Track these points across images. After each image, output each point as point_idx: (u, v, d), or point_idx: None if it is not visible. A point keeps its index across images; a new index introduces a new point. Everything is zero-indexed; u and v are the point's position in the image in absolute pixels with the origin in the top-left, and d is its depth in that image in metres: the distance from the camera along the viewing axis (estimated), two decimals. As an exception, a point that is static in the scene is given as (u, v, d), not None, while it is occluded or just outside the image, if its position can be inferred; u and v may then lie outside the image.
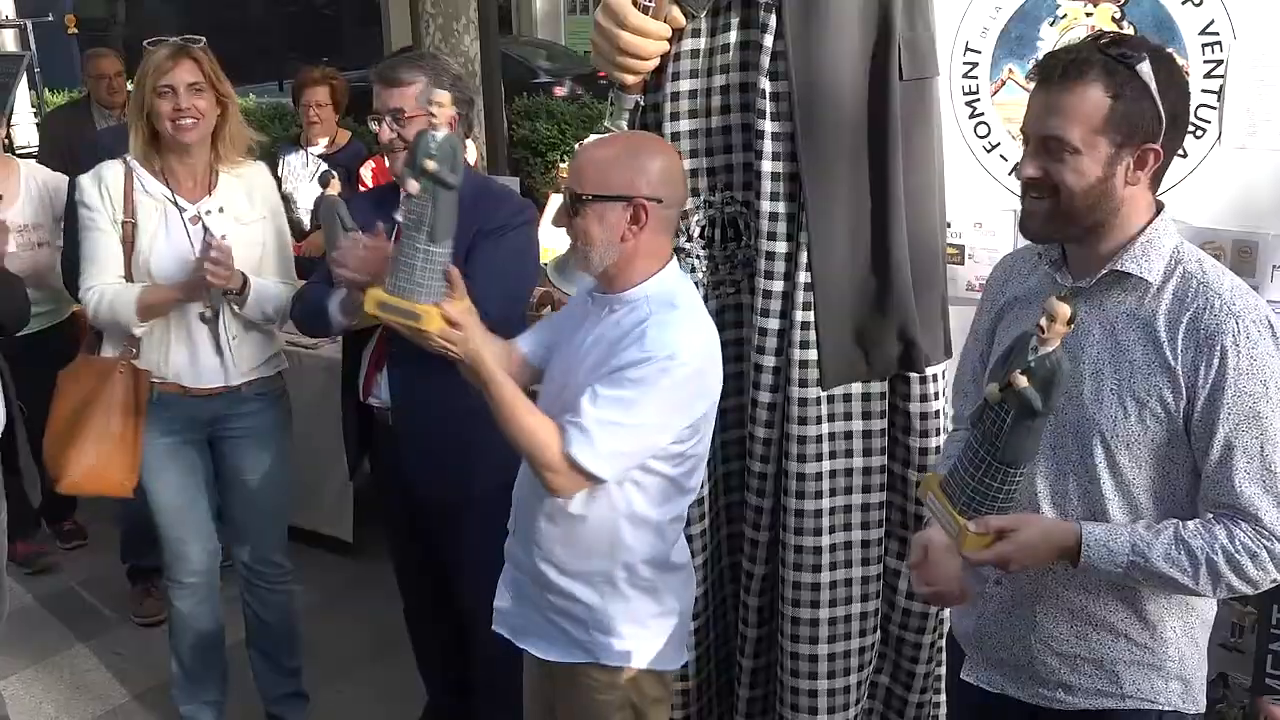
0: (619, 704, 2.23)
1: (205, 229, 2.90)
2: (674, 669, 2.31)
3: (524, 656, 2.37)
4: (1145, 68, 1.69)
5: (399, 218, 1.98)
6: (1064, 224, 1.76)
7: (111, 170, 2.92)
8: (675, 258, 2.19)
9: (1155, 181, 1.79)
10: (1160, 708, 1.86)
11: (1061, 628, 1.85)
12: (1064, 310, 1.60)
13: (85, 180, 2.93)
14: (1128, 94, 1.69)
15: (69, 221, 3.44)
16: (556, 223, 2.13)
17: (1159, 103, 1.69)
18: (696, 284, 2.60)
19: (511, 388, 2.03)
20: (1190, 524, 1.72)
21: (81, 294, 2.93)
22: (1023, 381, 1.63)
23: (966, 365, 2.08)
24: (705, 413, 2.13)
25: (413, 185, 1.94)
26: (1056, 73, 1.70)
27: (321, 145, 5.31)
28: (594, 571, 2.16)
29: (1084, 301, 1.78)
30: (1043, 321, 1.61)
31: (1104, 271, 1.77)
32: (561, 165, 8.23)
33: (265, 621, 3.24)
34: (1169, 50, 1.82)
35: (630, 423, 2.00)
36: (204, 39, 2.89)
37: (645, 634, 2.21)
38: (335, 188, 2.77)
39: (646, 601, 2.20)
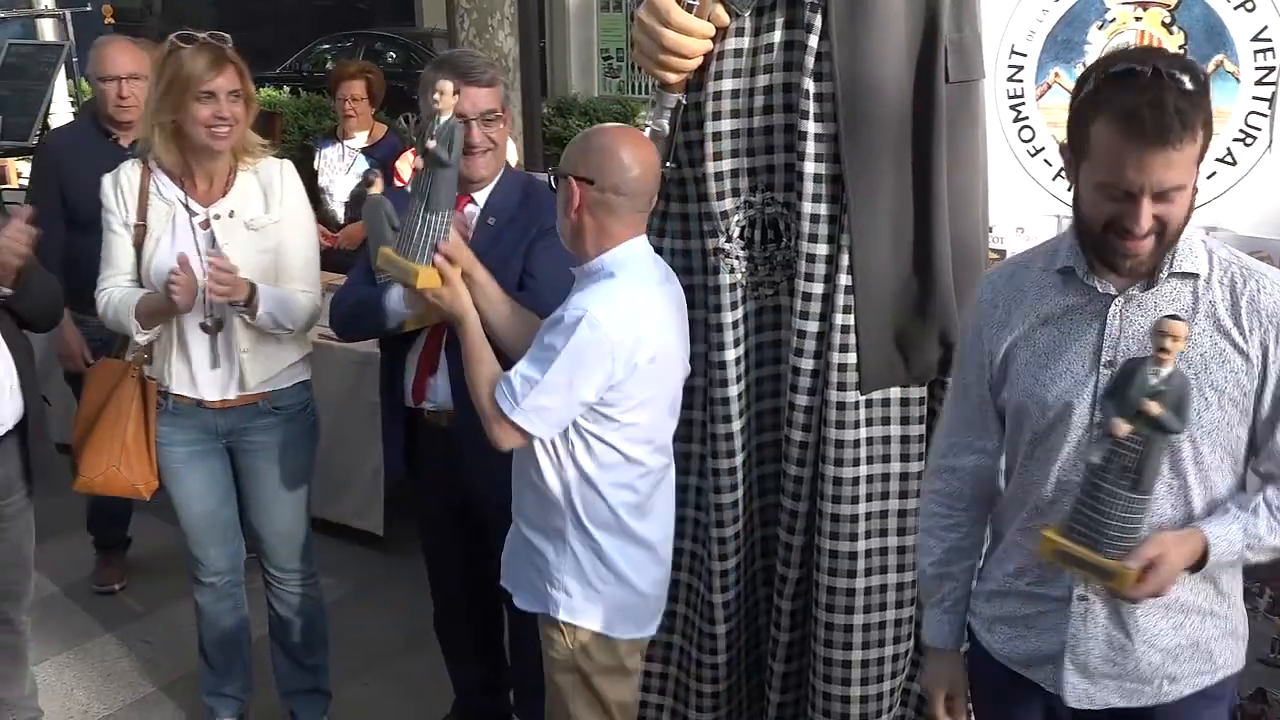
0: (565, 665, 2.40)
1: (213, 237, 2.84)
2: (625, 639, 2.42)
3: None
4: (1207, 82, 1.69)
5: (409, 190, 2.23)
6: (1164, 253, 1.76)
7: (130, 171, 2.90)
8: (640, 240, 2.35)
9: None
10: (1237, 670, 1.95)
11: (1161, 623, 1.86)
12: (1182, 328, 1.62)
13: (107, 180, 2.91)
14: (1210, 119, 1.69)
15: None
16: None
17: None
18: (735, 285, 2.59)
19: (479, 342, 2.33)
20: (1270, 492, 1.81)
21: (96, 294, 2.93)
22: (1156, 408, 1.64)
23: (969, 390, 2.00)
24: (626, 378, 2.24)
25: (419, 162, 2.23)
26: (1173, 134, 1.62)
27: (359, 139, 5.33)
28: (549, 526, 2.36)
29: (1138, 307, 1.79)
30: (1163, 343, 1.63)
31: (1165, 274, 1.77)
32: (594, 162, 8.24)
33: (285, 619, 3.24)
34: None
35: (548, 379, 2.20)
36: (230, 38, 2.85)
37: (593, 595, 2.36)
38: (379, 187, 2.74)
39: (596, 564, 2.35)
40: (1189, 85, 1.63)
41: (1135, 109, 1.62)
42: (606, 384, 2.22)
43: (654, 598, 2.46)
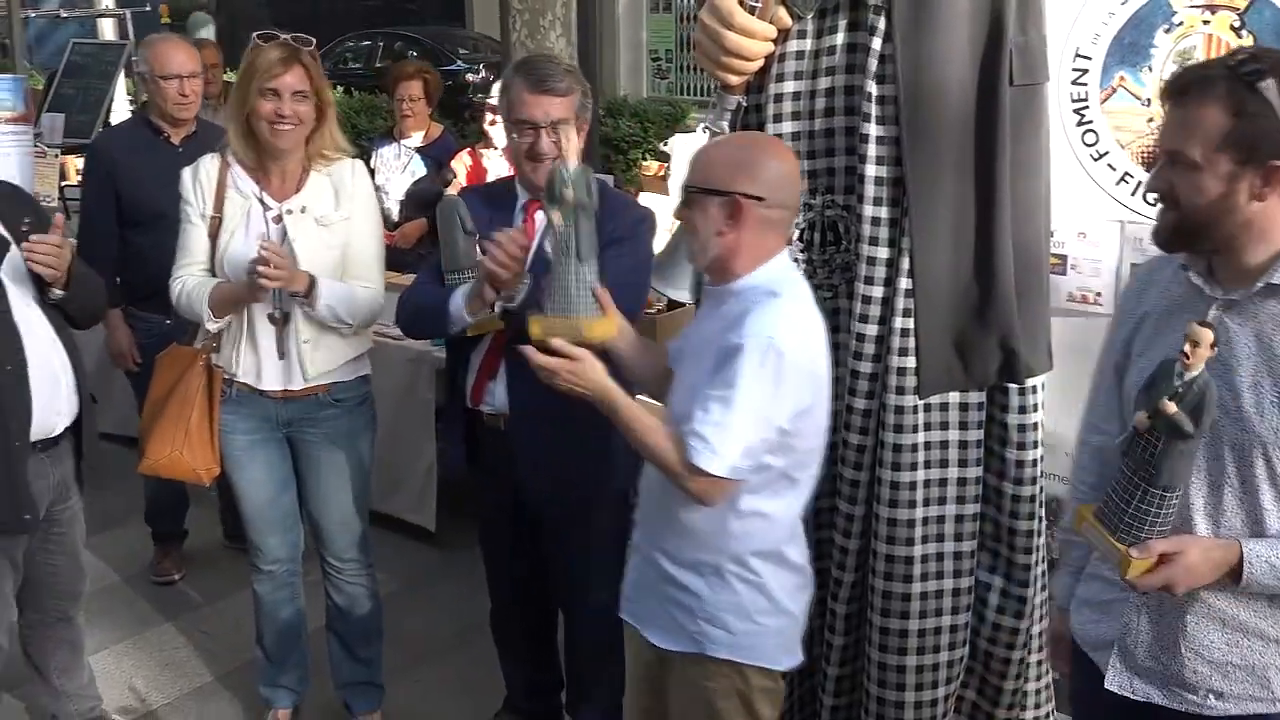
0: (725, 692, 2.26)
1: (284, 230, 2.90)
2: (780, 669, 2.31)
3: (630, 645, 2.42)
4: (1269, 85, 1.68)
5: (547, 247, 2.14)
6: (1189, 238, 1.77)
7: (209, 163, 2.96)
8: (786, 253, 2.22)
9: None
10: None
11: (1212, 635, 1.84)
12: (1207, 335, 1.62)
13: (186, 172, 2.98)
14: (1250, 112, 1.68)
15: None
16: (676, 214, 2.23)
17: None
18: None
19: (635, 410, 2.14)
20: None
21: (170, 282, 2.99)
22: (1172, 408, 1.65)
23: (1103, 373, 2.05)
24: (813, 403, 2.14)
25: (556, 217, 2.14)
26: (1180, 90, 1.72)
27: (415, 138, 5.38)
28: (702, 562, 2.20)
29: (1236, 313, 1.78)
30: (1186, 348, 1.64)
31: (1260, 285, 1.75)
32: (644, 163, 8.25)
33: (342, 609, 3.28)
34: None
35: (741, 418, 2.03)
36: (314, 40, 2.91)
37: (754, 630, 2.22)
38: (456, 186, 2.76)
39: (757, 597, 2.21)
40: (1248, 80, 1.67)
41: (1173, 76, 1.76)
42: (796, 410, 2.10)
43: (804, 619, 2.35)
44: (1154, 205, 1.82)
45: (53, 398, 2.78)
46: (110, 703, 3.37)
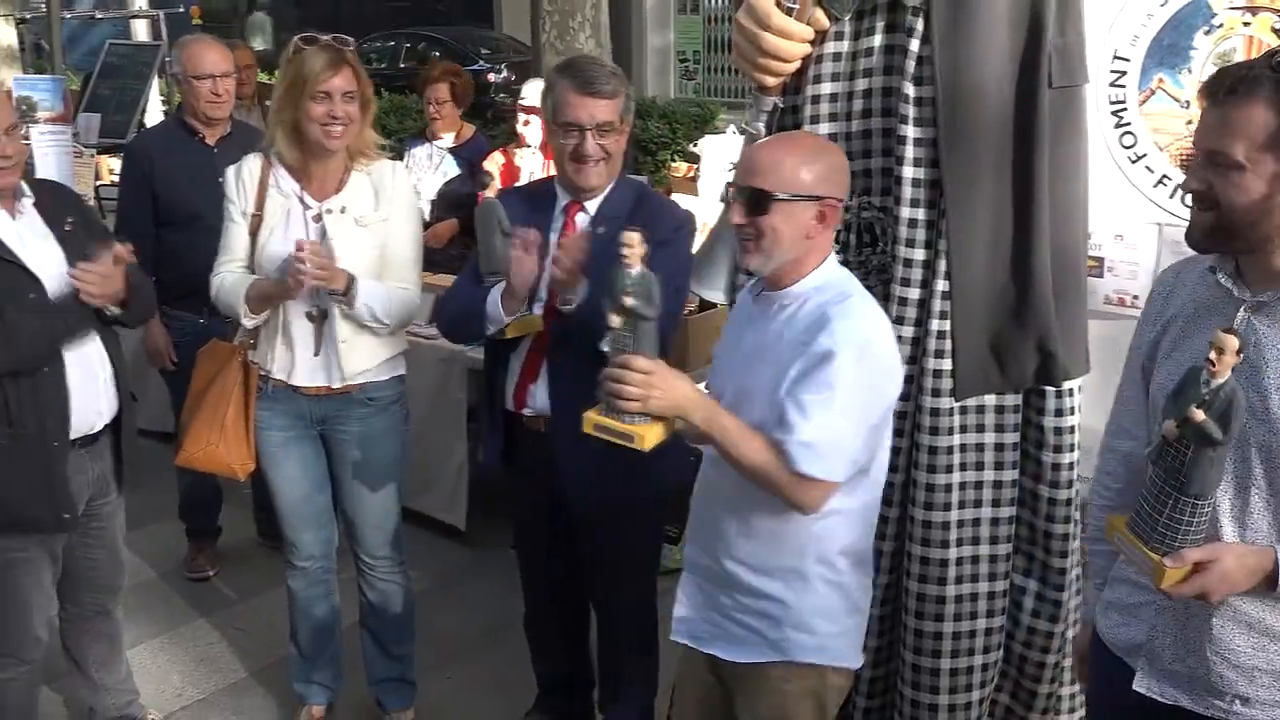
0: (801, 694, 2.25)
1: (324, 230, 2.93)
2: (854, 668, 2.31)
3: (686, 665, 2.40)
4: None
5: (604, 348, 2.08)
6: (1226, 238, 1.75)
7: (252, 162, 3.00)
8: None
9: None
10: None
11: (1239, 640, 1.82)
12: (1232, 342, 1.60)
13: (230, 171, 3.02)
14: None
15: None
16: (736, 219, 2.14)
17: None
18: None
19: (727, 422, 2.06)
20: None
21: (210, 278, 3.03)
22: (1200, 415, 1.64)
23: (1130, 377, 2.04)
24: (896, 397, 2.16)
25: (615, 320, 2.04)
26: (1224, 89, 1.70)
27: (446, 139, 5.41)
28: (786, 567, 2.18)
29: (1265, 315, 1.76)
30: (1212, 355, 1.62)
31: None
32: (673, 164, 8.25)
33: (376, 606, 3.29)
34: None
35: (842, 420, 2.03)
36: (353, 41, 2.94)
37: (836, 631, 2.22)
38: (494, 189, 2.75)
39: (838, 597, 2.21)
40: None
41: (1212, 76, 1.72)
42: (888, 407, 2.12)
43: (868, 615, 2.35)
44: (1194, 205, 1.80)
45: (92, 395, 2.82)
46: (146, 697, 3.40)
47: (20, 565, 2.80)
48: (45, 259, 2.75)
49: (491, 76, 15.59)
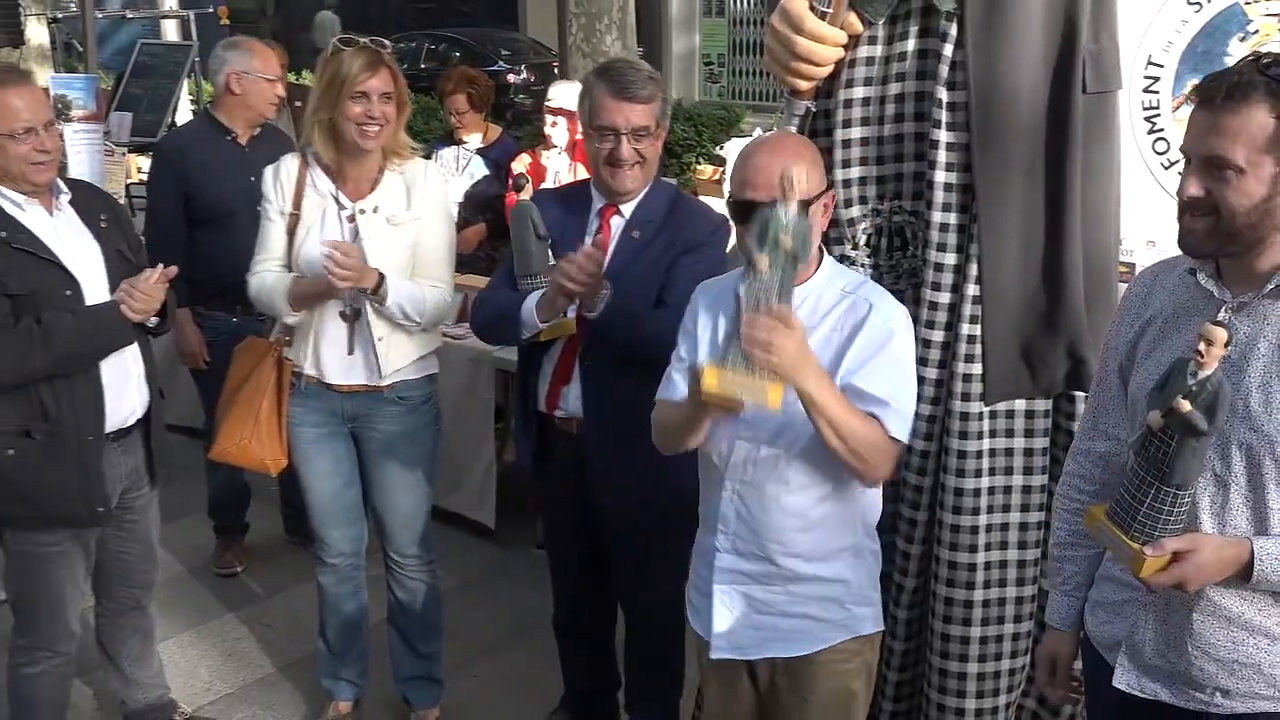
0: (858, 670, 2.35)
1: (357, 229, 2.95)
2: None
3: (727, 689, 2.40)
4: None
5: (740, 293, 2.02)
6: (1225, 241, 1.77)
7: (290, 163, 3.04)
8: None
9: None
10: None
11: (1219, 634, 1.85)
12: (1221, 334, 1.64)
13: (268, 171, 3.05)
14: None
15: None
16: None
17: None
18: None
19: (834, 393, 2.07)
20: None
21: (248, 278, 3.06)
22: (1186, 406, 1.66)
23: (1105, 378, 2.06)
24: None
25: (763, 261, 1.96)
26: (1220, 94, 1.71)
27: (473, 141, 5.44)
28: (842, 547, 2.27)
29: (1247, 316, 1.78)
30: (1201, 346, 1.66)
31: (1271, 286, 1.76)
32: (699, 167, 8.27)
33: (404, 604, 3.32)
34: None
35: (911, 387, 2.22)
36: (389, 43, 2.97)
37: (878, 596, 2.37)
38: (528, 192, 2.76)
39: (876, 564, 2.37)
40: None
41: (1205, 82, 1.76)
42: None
43: None
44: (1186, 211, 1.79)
45: (125, 390, 2.86)
46: (175, 691, 3.43)
47: (55, 559, 2.84)
48: (82, 254, 2.79)
49: (511, 77, 15.65)
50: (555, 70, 12.69)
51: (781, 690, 2.34)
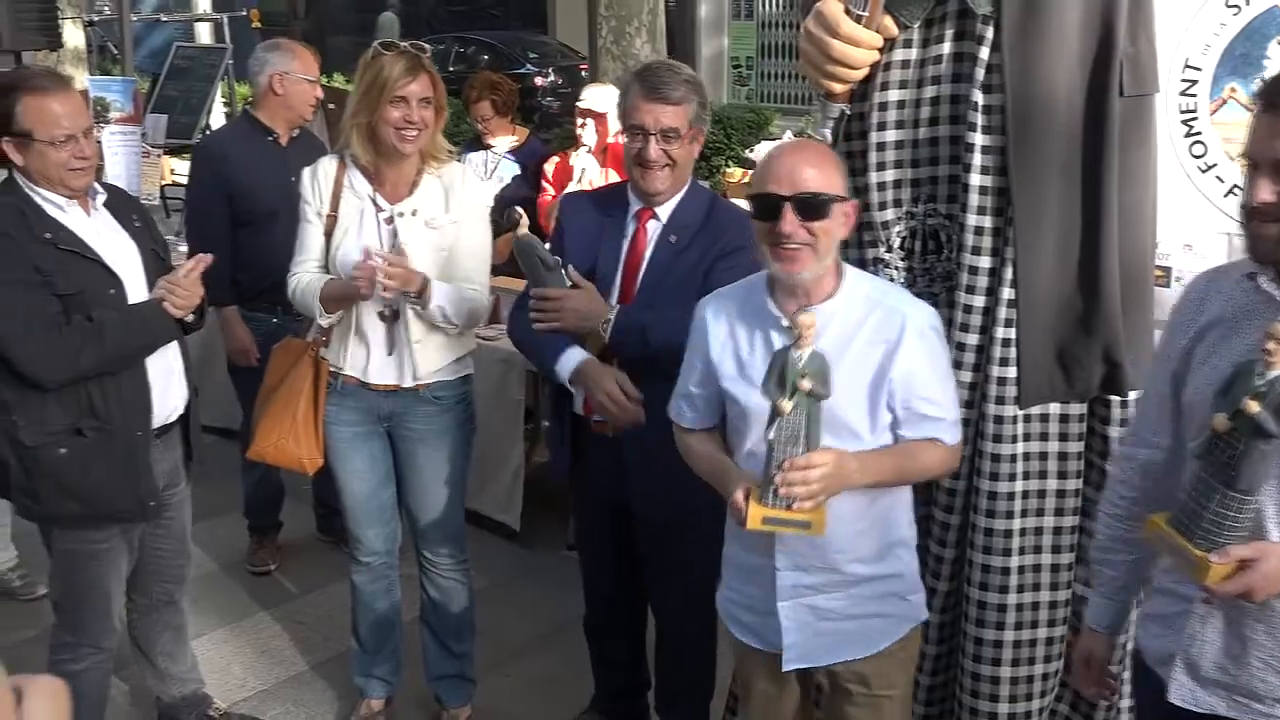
0: (909, 657, 2.43)
1: (395, 232, 2.98)
2: None
3: (761, 674, 2.41)
4: None
5: (769, 436, 2.05)
6: None
7: (328, 164, 3.07)
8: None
9: None
10: None
11: None
12: None
13: (305, 172, 3.09)
14: None
15: None
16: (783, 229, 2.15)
17: None
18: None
19: (894, 460, 2.21)
20: None
21: (287, 278, 3.10)
22: (1254, 407, 1.64)
23: (1154, 385, 2.04)
24: None
25: (785, 405, 2.01)
26: None
27: (501, 144, 5.46)
28: (895, 542, 2.32)
29: None
30: (1269, 345, 1.63)
31: None
32: (728, 170, 8.27)
33: (436, 603, 3.34)
34: None
35: (953, 386, 2.30)
36: (429, 48, 3.00)
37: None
38: (524, 227, 2.76)
39: (914, 547, 2.41)
40: None
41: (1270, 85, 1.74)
42: None
43: None
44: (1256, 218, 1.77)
45: (169, 386, 2.90)
46: (209, 687, 3.46)
47: (103, 556, 2.89)
48: (121, 253, 2.84)
49: (539, 80, 15.69)
50: (583, 73, 12.72)
51: (849, 687, 2.35)
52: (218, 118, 9.80)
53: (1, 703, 0.70)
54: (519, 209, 5.06)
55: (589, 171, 4.99)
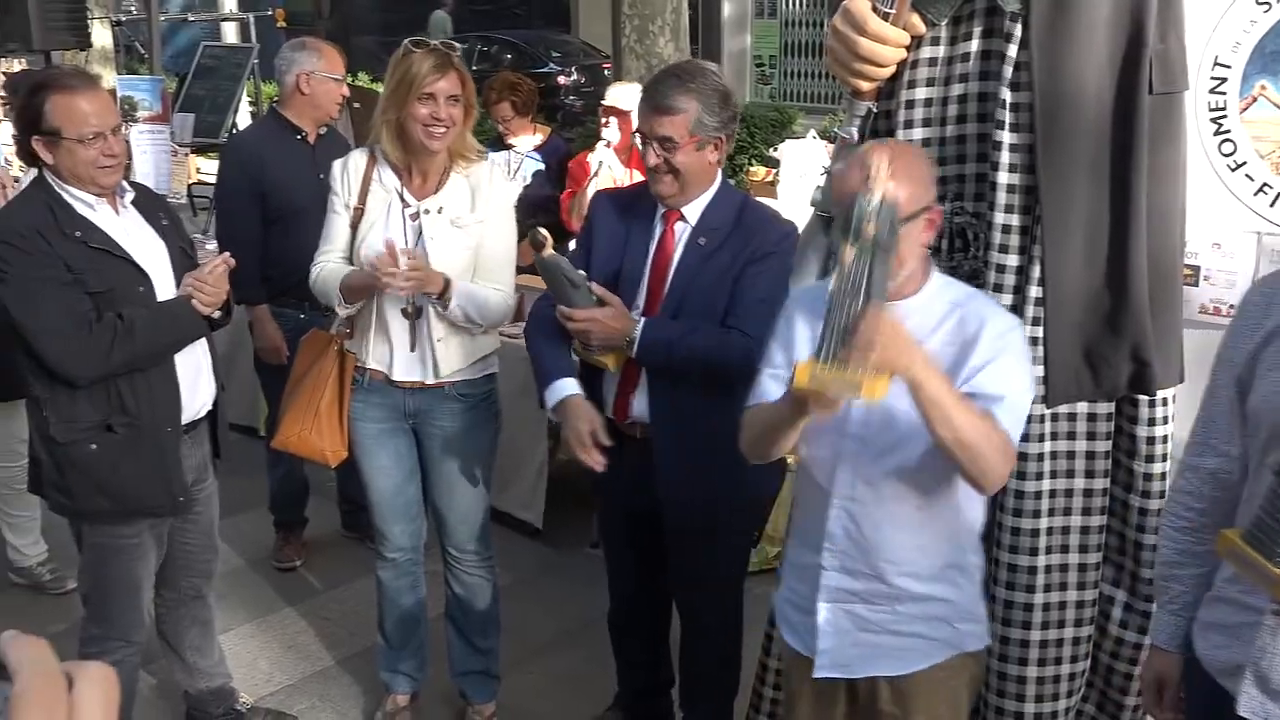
0: (969, 681, 2.34)
1: (420, 229, 2.99)
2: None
3: (809, 694, 2.36)
4: None
5: (830, 287, 1.92)
6: None
7: (358, 158, 3.09)
8: None
9: None
10: None
11: None
12: None
13: (336, 164, 3.11)
14: None
15: None
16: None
17: None
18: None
19: (953, 396, 1.98)
20: None
21: (311, 267, 3.13)
22: None
23: (1219, 391, 1.99)
24: None
25: (848, 253, 1.88)
26: None
27: (522, 143, 5.48)
28: (951, 564, 2.23)
29: None
30: None
31: None
32: (751, 168, 8.25)
33: (462, 599, 3.35)
34: None
35: (1027, 388, 2.17)
36: (460, 47, 3.02)
37: (984, 612, 2.33)
38: (549, 248, 2.72)
39: (979, 579, 2.31)
40: None
41: None
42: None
43: None
44: None
45: (197, 383, 2.93)
46: (237, 681, 3.48)
47: (133, 550, 2.92)
48: (150, 251, 2.86)
49: (562, 79, 15.71)
50: (605, 72, 12.72)
51: (885, 707, 2.30)
52: (244, 117, 9.88)
53: (54, 687, 0.72)
54: (543, 231, 5.05)
55: (608, 166, 4.99)
